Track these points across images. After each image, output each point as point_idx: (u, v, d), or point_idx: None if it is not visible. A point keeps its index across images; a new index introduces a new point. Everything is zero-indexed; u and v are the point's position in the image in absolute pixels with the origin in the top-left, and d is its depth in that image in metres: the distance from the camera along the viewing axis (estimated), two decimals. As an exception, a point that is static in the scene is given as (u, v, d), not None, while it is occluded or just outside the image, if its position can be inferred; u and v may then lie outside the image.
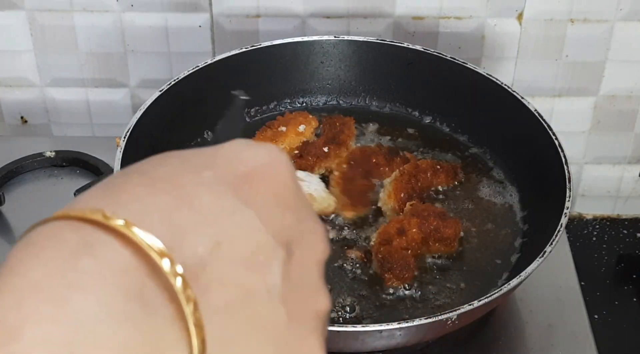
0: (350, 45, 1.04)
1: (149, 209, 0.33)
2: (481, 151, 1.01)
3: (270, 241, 0.34)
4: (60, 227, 0.32)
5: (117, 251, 0.31)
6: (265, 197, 0.35)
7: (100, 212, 0.31)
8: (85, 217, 0.32)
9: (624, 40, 1.12)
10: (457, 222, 0.88)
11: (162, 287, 0.31)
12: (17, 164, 1.04)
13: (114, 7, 1.10)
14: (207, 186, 0.34)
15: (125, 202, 0.33)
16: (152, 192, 0.33)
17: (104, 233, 0.31)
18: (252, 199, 0.35)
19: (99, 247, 0.31)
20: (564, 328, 0.90)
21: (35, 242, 0.31)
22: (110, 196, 0.33)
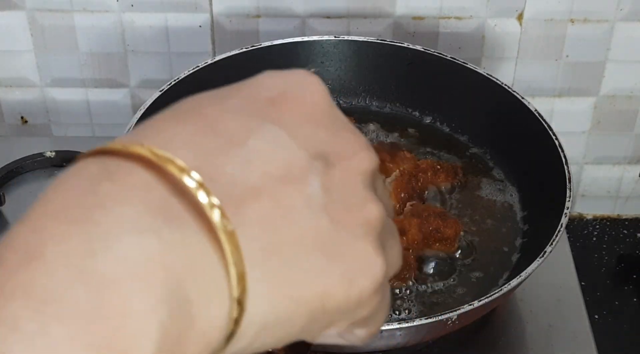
0: (350, 46, 1.04)
1: (171, 136, 0.32)
2: (481, 151, 1.01)
3: (303, 155, 0.34)
4: (85, 161, 0.32)
5: (138, 174, 0.31)
6: (293, 116, 0.35)
7: (120, 143, 0.31)
8: (107, 149, 0.31)
9: (624, 40, 1.12)
10: (457, 222, 0.88)
11: (187, 202, 0.31)
12: (17, 164, 1.04)
13: (114, 7, 1.10)
14: (232, 112, 0.34)
15: (148, 133, 0.33)
16: (175, 122, 0.33)
17: (124, 160, 0.31)
18: (280, 119, 0.34)
19: (119, 172, 0.31)
20: (564, 328, 0.90)
21: (59, 177, 0.31)
22: (134, 132, 0.33)
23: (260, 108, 0.35)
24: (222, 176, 0.32)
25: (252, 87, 0.36)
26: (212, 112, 0.34)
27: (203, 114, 0.34)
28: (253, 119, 0.34)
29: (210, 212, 0.30)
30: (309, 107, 0.36)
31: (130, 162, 0.31)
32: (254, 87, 0.36)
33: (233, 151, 0.32)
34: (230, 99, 0.35)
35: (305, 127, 0.35)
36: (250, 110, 0.34)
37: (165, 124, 0.33)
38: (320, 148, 0.34)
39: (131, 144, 0.31)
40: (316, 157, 0.34)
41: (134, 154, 0.31)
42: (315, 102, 0.36)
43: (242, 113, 0.34)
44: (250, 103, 0.35)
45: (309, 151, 0.34)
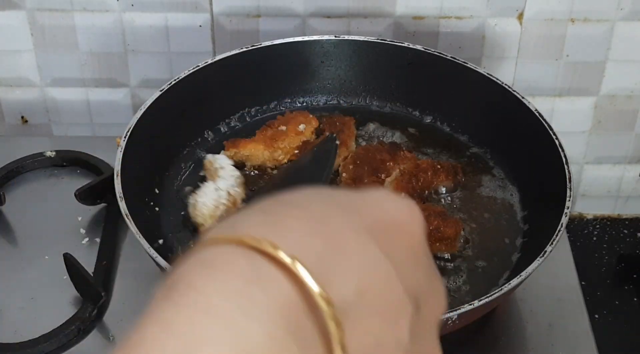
0: (350, 45, 1.04)
1: (307, 246, 0.34)
2: (482, 150, 1.01)
3: (404, 296, 0.35)
4: (234, 253, 0.33)
5: (283, 285, 0.33)
6: (402, 251, 0.36)
7: (269, 244, 0.33)
8: (257, 247, 0.33)
9: (624, 40, 1.12)
10: (457, 222, 0.88)
11: (319, 328, 0.32)
12: (18, 163, 1.04)
13: (115, 7, 1.10)
14: (355, 232, 0.35)
15: (287, 235, 0.34)
16: (309, 229, 0.35)
17: (272, 265, 0.33)
18: (392, 252, 0.35)
19: (268, 279, 0.33)
20: (565, 327, 0.90)
21: (210, 263, 0.33)
22: (273, 226, 0.35)
23: (377, 232, 0.36)
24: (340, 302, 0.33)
25: (371, 205, 0.37)
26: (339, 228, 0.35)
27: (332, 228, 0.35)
28: (371, 248, 0.35)
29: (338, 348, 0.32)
30: (415, 243, 0.37)
31: (277, 268, 0.33)
32: (372, 206, 0.37)
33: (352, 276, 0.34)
34: (354, 215, 0.36)
35: (409, 265, 0.36)
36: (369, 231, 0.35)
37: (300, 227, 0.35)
38: (415, 290, 0.36)
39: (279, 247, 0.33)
40: (411, 299, 0.36)
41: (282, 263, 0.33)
42: (419, 239, 0.38)
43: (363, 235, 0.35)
44: (369, 223, 0.36)
45: (408, 292, 0.35)
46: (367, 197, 0.38)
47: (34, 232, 0.98)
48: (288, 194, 0.37)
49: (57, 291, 0.90)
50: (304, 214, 0.35)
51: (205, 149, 1.00)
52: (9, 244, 0.97)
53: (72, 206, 0.98)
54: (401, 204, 0.38)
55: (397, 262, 0.35)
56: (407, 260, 0.36)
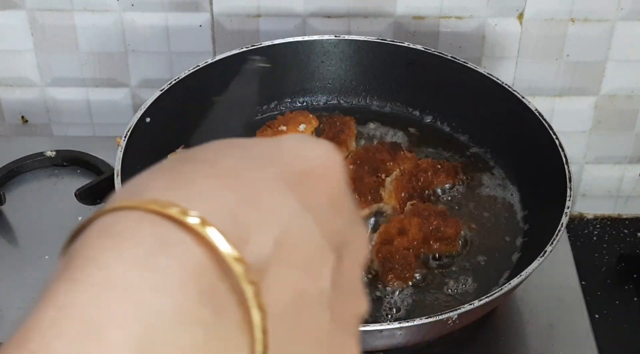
0: (350, 45, 1.04)
1: (219, 205, 0.32)
2: (482, 150, 1.01)
3: (324, 245, 0.34)
4: (139, 220, 0.31)
5: (193, 251, 0.31)
6: (321, 200, 0.35)
7: (176, 207, 0.31)
8: (162, 212, 0.31)
9: (624, 39, 1.12)
10: (457, 221, 0.88)
11: (233, 290, 0.31)
12: (18, 163, 1.04)
13: (115, 7, 1.10)
14: (271, 184, 0.34)
15: (196, 196, 0.32)
16: (220, 187, 0.33)
17: (180, 231, 0.31)
18: (310, 201, 0.34)
19: (176, 245, 0.31)
20: (565, 327, 0.90)
21: (112, 233, 0.31)
22: (180, 187, 0.33)
23: (294, 182, 0.34)
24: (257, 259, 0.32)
25: (287, 153, 0.36)
26: (253, 180, 0.34)
27: (245, 182, 0.33)
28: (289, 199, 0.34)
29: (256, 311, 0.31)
30: (335, 189, 0.36)
31: (185, 233, 0.31)
32: (288, 155, 0.35)
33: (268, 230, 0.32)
34: (269, 166, 0.34)
35: (329, 213, 0.35)
36: (286, 182, 0.34)
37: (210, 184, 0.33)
38: (336, 238, 0.35)
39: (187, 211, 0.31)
40: (333, 248, 0.34)
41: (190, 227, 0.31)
42: (339, 185, 0.36)
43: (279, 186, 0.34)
44: (286, 173, 0.34)
45: (329, 241, 0.34)
46: (282, 146, 0.36)
47: (34, 232, 0.98)
48: (196, 150, 0.35)
49: (57, 291, 0.90)
50: (214, 171, 0.33)
51: (206, 149, 1.00)
52: (9, 244, 0.97)
53: (72, 206, 0.98)
54: (318, 149, 0.36)
55: (316, 211, 0.34)
56: (327, 208, 0.35)
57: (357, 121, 1.02)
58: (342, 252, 0.35)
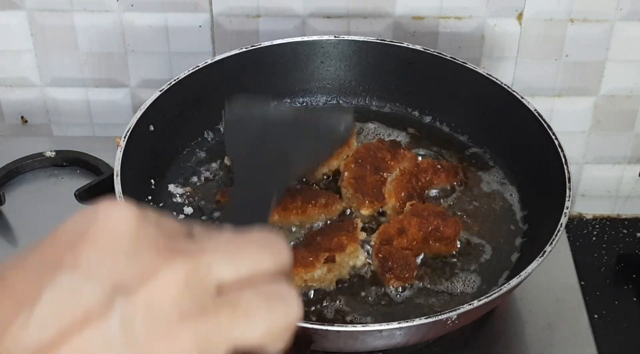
0: (350, 45, 1.04)
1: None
2: (481, 150, 1.01)
3: (100, 294, 0.34)
4: None
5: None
6: (91, 254, 0.35)
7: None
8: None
9: (623, 40, 1.12)
10: (457, 222, 0.88)
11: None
12: (18, 164, 1.05)
13: (114, 7, 1.10)
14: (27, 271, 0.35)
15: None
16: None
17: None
18: (77, 262, 0.35)
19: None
20: (564, 327, 0.90)
21: None
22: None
23: (57, 256, 0.35)
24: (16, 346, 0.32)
25: (55, 236, 0.37)
26: (11, 277, 0.35)
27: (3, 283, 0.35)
28: (47, 273, 0.34)
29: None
30: (108, 238, 0.36)
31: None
32: (55, 237, 0.36)
33: (26, 314, 0.33)
34: (30, 257, 0.35)
35: (104, 261, 0.35)
36: (46, 263, 0.35)
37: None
38: (120, 279, 0.34)
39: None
40: (115, 289, 0.34)
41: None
42: (115, 231, 0.36)
43: (38, 270, 0.35)
44: (48, 255, 0.35)
45: (107, 287, 0.34)
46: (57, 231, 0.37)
47: (34, 232, 0.98)
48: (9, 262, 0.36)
49: (57, 291, 0.90)
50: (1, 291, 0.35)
51: (205, 149, 1.00)
52: (8, 244, 0.97)
53: (71, 206, 0.98)
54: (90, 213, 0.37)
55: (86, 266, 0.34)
56: (102, 257, 0.35)
57: (357, 121, 1.02)
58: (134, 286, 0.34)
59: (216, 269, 0.37)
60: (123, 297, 0.34)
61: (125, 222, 0.36)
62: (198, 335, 0.35)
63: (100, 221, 0.36)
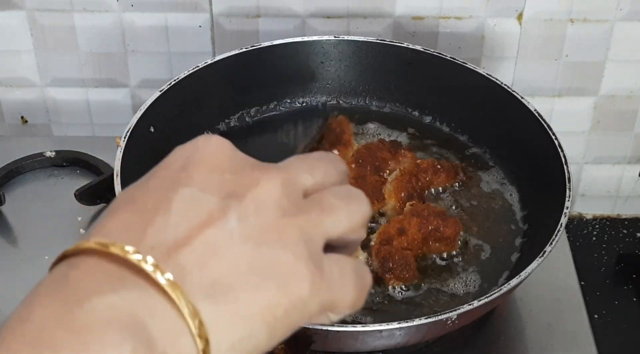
0: (350, 45, 1.04)
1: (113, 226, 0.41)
2: (481, 150, 1.01)
3: (215, 199, 0.41)
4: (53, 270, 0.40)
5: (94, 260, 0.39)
6: (201, 172, 0.42)
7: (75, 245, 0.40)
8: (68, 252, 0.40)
9: (624, 40, 1.12)
10: (457, 222, 0.88)
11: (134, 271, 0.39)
12: (17, 164, 1.04)
13: (114, 7, 1.10)
14: (153, 191, 0.42)
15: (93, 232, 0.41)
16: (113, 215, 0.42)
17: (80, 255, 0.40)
18: (191, 179, 0.42)
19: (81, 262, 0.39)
20: (564, 327, 0.90)
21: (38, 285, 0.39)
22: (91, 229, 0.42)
23: (174, 178, 0.42)
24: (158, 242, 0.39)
25: (165, 164, 0.44)
26: (139, 196, 0.42)
27: (132, 200, 0.42)
28: (170, 189, 0.42)
29: (154, 275, 0.38)
30: (212, 159, 0.43)
31: (84, 255, 0.40)
32: (166, 164, 0.44)
33: (162, 218, 0.40)
34: (151, 180, 0.43)
35: (212, 177, 0.42)
36: (167, 182, 0.42)
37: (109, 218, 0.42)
38: (229, 188, 0.42)
39: (82, 242, 0.40)
40: (228, 196, 0.41)
41: (87, 249, 0.40)
42: (217, 154, 0.43)
43: (162, 188, 0.42)
44: (166, 177, 0.43)
45: (221, 194, 0.41)
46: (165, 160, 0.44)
47: (34, 232, 0.98)
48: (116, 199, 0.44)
49: (57, 291, 0.90)
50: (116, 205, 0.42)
51: (205, 149, 1.00)
52: (8, 244, 0.97)
53: (71, 206, 0.98)
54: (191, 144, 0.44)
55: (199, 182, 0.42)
56: (210, 174, 0.42)
57: (357, 121, 1.02)
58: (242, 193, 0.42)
59: (301, 178, 0.45)
60: (236, 201, 0.41)
61: (224, 148, 0.44)
62: (300, 228, 0.42)
63: (201, 148, 0.44)
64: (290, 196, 0.43)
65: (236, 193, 0.42)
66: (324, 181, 0.46)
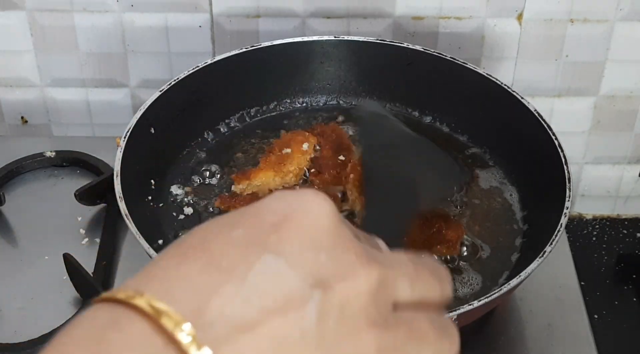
0: (350, 46, 1.04)
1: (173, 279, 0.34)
2: (481, 150, 1.01)
3: (301, 285, 0.35)
4: (95, 307, 0.35)
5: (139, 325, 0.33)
6: (294, 242, 0.36)
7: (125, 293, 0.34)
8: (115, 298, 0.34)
9: (624, 40, 1.12)
10: (460, 225, 0.88)
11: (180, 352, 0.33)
12: (17, 164, 1.05)
13: (114, 7, 1.10)
14: (235, 245, 0.35)
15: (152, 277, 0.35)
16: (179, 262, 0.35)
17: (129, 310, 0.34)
18: (281, 247, 0.35)
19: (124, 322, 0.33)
20: (564, 327, 0.90)
21: (74, 321, 0.34)
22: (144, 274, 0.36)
23: (262, 236, 0.36)
24: (220, 317, 0.33)
25: (258, 213, 0.37)
26: (216, 247, 0.35)
27: (208, 250, 0.35)
28: (254, 251, 0.35)
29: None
30: (311, 230, 0.36)
31: (133, 312, 0.33)
32: (259, 213, 0.37)
33: (233, 288, 0.34)
34: (236, 230, 0.36)
35: (306, 253, 0.36)
36: (253, 239, 0.35)
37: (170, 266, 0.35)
38: (320, 273, 0.35)
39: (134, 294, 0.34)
40: (315, 284, 0.35)
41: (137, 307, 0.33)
42: (318, 224, 0.37)
43: (245, 244, 0.35)
44: (253, 231, 0.36)
45: (309, 279, 0.35)
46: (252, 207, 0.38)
47: (34, 232, 0.98)
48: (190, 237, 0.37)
49: (57, 291, 0.90)
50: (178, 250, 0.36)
51: (205, 149, 1.00)
52: (8, 245, 0.97)
53: (71, 206, 0.98)
54: (290, 198, 0.37)
55: (290, 254, 0.35)
56: (303, 248, 0.36)
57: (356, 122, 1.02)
58: (331, 283, 0.35)
59: (399, 287, 0.38)
60: (321, 291, 0.35)
61: (327, 217, 0.37)
62: (380, 344, 0.36)
63: (302, 210, 0.37)
64: (380, 305, 0.37)
65: (325, 281, 0.35)
66: (423, 297, 0.40)
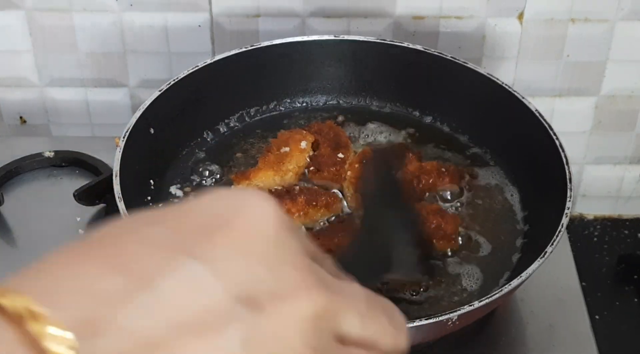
0: (350, 45, 1.03)
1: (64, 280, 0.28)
2: (481, 150, 1.01)
3: (225, 298, 0.29)
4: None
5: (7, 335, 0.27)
6: (226, 248, 0.30)
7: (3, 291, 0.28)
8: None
9: (625, 40, 1.12)
10: (455, 217, 0.88)
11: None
12: (17, 164, 1.04)
13: (114, 7, 1.10)
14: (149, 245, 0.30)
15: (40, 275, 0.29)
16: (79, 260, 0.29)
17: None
18: (209, 254, 0.30)
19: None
20: (565, 328, 0.90)
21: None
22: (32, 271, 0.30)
23: (188, 238, 0.30)
24: (116, 330, 0.27)
25: (187, 212, 0.31)
26: (127, 244, 0.30)
27: (117, 247, 0.30)
28: (174, 255, 0.29)
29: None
30: (249, 236, 0.31)
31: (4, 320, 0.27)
32: (189, 212, 0.31)
33: (136, 296, 0.28)
34: (156, 228, 0.30)
35: (238, 262, 0.30)
36: (175, 241, 0.30)
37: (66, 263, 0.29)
38: (252, 288, 0.29)
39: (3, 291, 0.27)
40: (242, 300, 0.29)
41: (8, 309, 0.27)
42: (258, 230, 0.31)
43: (165, 247, 0.29)
44: (178, 233, 0.30)
45: (236, 292, 0.29)
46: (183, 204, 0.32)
47: (33, 232, 0.98)
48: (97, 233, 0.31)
49: (56, 291, 0.90)
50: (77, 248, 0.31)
51: (205, 149, 1.00)
52: (7, 245, 0.97)
53: (70, 207, 0.98)
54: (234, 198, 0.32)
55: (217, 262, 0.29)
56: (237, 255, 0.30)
57: (357, 121, 1.01)
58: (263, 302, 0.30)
59: (348, 321, 0.33)
60: (250, 312, 0.29)
61: (270, 223, 0.31)
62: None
63: (242, 214, 0.31)
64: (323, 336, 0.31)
65: (256, 299, 0.30)
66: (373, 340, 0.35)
